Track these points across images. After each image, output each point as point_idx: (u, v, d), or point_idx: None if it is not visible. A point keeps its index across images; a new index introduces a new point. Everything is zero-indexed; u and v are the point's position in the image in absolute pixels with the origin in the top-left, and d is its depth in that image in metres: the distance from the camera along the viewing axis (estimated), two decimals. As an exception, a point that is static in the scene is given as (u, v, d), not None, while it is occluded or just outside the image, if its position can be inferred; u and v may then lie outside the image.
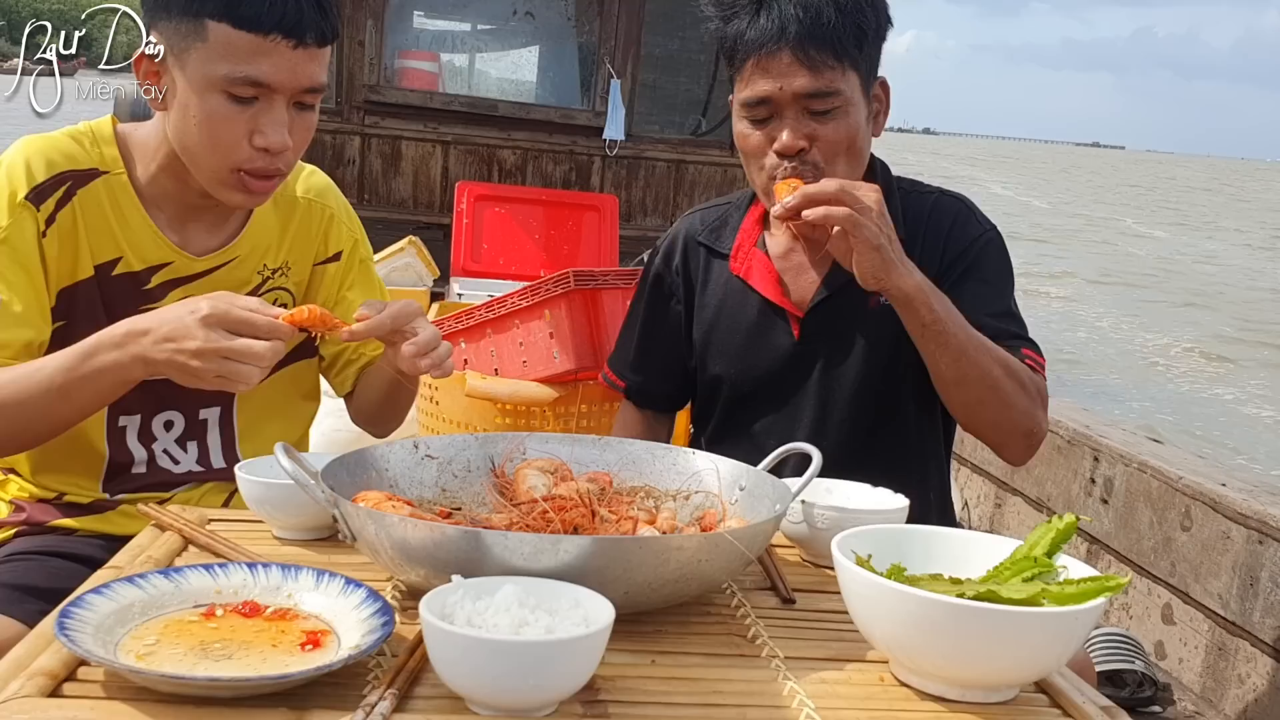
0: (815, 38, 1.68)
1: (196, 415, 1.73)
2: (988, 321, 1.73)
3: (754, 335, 1.90)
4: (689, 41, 5.63)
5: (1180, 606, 3.17)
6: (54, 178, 1.57)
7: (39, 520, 1.67)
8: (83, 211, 1.59)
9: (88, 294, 1.60)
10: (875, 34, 1.75)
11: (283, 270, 1.76)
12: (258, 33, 1.45)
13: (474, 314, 2.81)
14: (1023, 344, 1.76)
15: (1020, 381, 1.69)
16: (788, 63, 1.70)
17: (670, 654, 1.13)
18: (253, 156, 1.52)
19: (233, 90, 1.48)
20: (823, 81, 1.70)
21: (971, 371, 1.64)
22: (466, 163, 5.35)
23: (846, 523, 1.29)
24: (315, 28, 1.49)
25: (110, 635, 1.03)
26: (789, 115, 1.73)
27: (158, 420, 1.70)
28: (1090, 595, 1.06)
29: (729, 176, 5.60)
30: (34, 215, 1.55)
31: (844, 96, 1.72)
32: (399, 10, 5.39)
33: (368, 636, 1.03)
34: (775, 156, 1.75)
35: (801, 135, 1.72)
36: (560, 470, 1.43)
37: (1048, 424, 1.79)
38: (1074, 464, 3.72)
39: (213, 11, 1.45)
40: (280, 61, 1.48)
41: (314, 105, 1.57)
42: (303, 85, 1.51)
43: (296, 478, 1.19)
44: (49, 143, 1.59)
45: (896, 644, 1.08)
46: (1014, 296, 1.85)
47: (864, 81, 1.75)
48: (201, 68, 1.48)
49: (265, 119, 1.50)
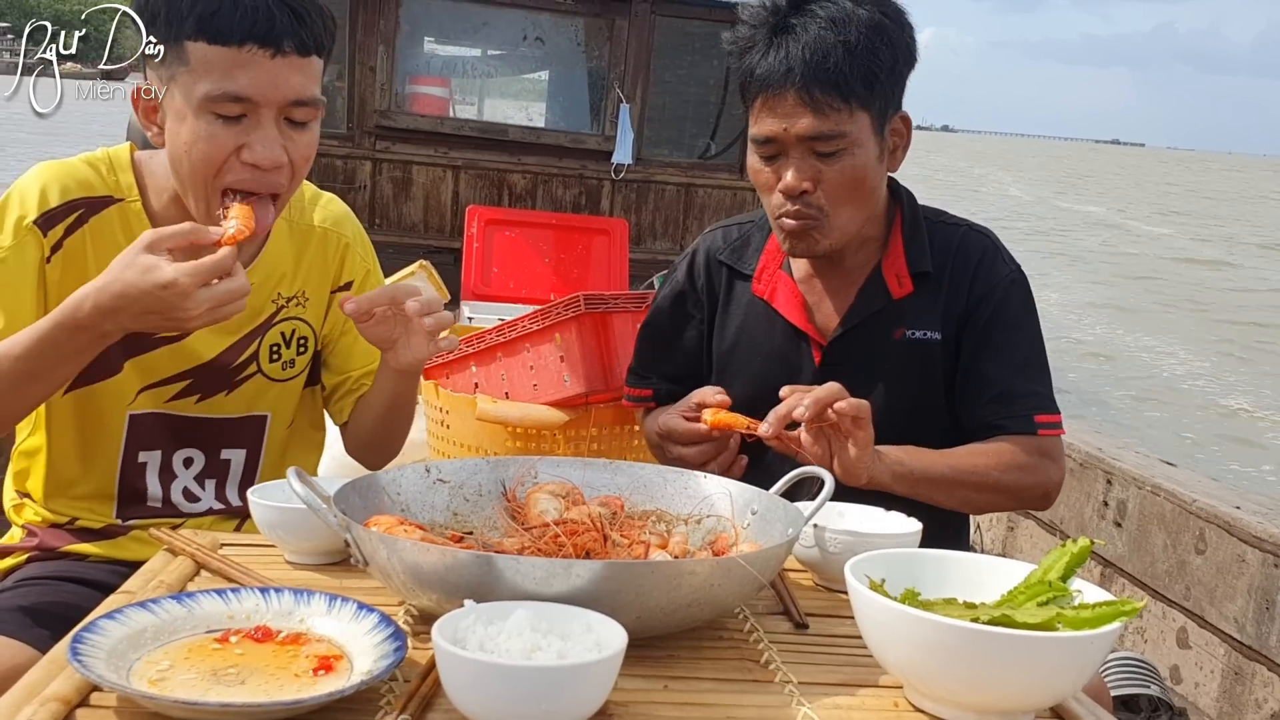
0: (821, 80, 1.67)
1: (219, 455, 1.73)
2: (1008, 382, 1.78)
3: (775, 359, 1.89)
4: (698, 66, 5.65)
5: (1195, 630, 3.15)
6: (66, 204, 1.57)
7: (51, 545, 1.67)
8: (94, 239, 1.59)
9: None
10: (890, 72, 1.73)
11: (298, 300, 1.75)
12: (231, 45, 1.44)
13: (484, 338, 2.81)
14: (1036, 404, 1.79)
15: (1022, 467, 1.74)
16: (793, 104, 1.70)
17: (683, 679, 1.12)
18: (241, 174, 1.49)
19: (217, 109, 1.46)
20: (827, 124, 1.69)
21: (969, 495, 1.73)
22: (477, 187, 5.37)
23: (859, 547, 1.29)
24: (292, 35, 1.46)
25: (123, 660, 1.03)
26: (794, 155, 1.73)
27: (178, 457, 1.70)
28: (1106, 620, 1.05)
29: (738, 200, 5.61)
30: (39, 240, 1.55)
31: (850, 138, 1.71)
32: (410, 36, 5.44)
33: (380, 662, 1.03)
34: (780, 195, 1.75)
35: (805, 177, 1.72)
36: (572, 494, 1.43)
37: (1064, 471, 1.83)
38: (1087, 487, 3.70)
39: (189, 31, 1.44)
40: (259, 73, 1.45)
41: (309, 123, 1.54)
42: (287, 98, 1.48)
43: (309, 502, 1.19)
44: (65, 169, 1.60)
45: (911, 669, 1.07)
46: (1039, 338, 1.85)
47: (875, 120, 1.73)
48: (187, 91, 1.47)
49: (253, 135, 1.47)
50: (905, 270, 1.83)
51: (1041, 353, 1.85)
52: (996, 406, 1.79)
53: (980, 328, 1.81)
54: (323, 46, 1.52)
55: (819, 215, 1.75)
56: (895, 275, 1.83)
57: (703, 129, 5.83)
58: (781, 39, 1.70)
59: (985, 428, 1.80)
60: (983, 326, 1.81)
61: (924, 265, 1.82)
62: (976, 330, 1.81)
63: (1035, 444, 1.77)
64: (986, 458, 1.74)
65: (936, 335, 1.82)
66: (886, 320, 1.83)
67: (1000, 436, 1.78)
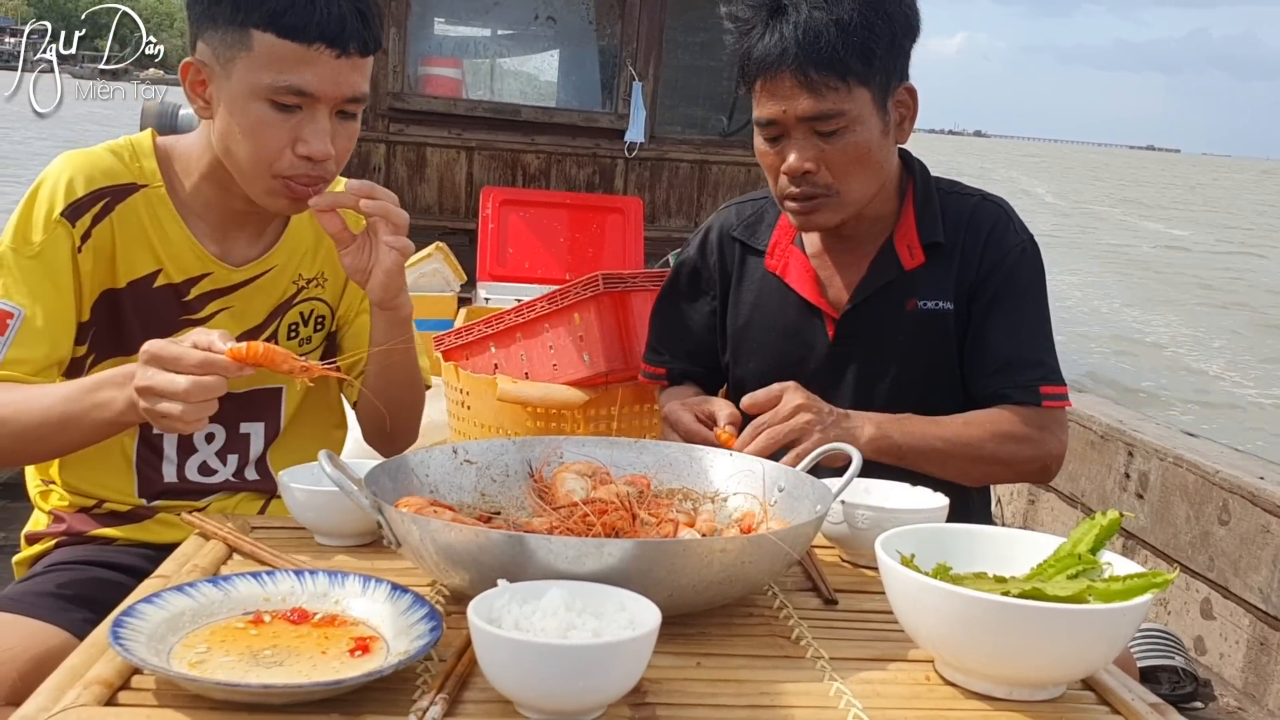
0: (815, 60, 1.67)
1: (238, 429, 1.75)
2: (1014, 351, 1.79)
3: (789, 334, 1.90)
4: (711, 43, 5.61)
5: (1220, 601, 3.14)
6: (91, 194, 1.59)
7: (79, 530, 1.69)
8: (120, 226, 1.60)
9: (117, 303, 1.62)
10: (889, 46, 1.70)
11: (318, 281, 1.78)
12: (302, 42, 1.47)
13: (503, 318, 2.81)
14: (1042, 374, 1.79)
15: (1018, 438, 1.74)
16: (790, 86, 1.69)
17: (715, 656, 1.13)
18: (295, 165, 1.53)
19: (277, 99, 1.50)
20: (825, 104, 1.68)
21: (964, 467, 1.72)
22: (491, 168, 5.36)
23: (887, 523, 1.29)
24: (358, 37, 1.50)
25: (162, 644, 1.05)
26: (796, 136, 1.72)
27: (198, 434, 1.71)
28: (1137, 592, 1.05)
29: (753, 176, 5.59)
30: (69, 232, 1.57)
31: (849, 116, 1.70)
32: (421, 18, 5.41)
33: (416, 642, 1.04)
34: (784, 176, 1.75)
35: (808, 158, 1.72)
36: (599, 474, 1.44)
37: (1065, 443, 1.82)
38: (1108, 459, 3.69)
39: (258, 21, 1.47)
40: (323, 71, 1.49)
41: (356, 114, 1.59)
42: (345, 94, 1.53)
43: (341, 485, 1.20)
44: (89, 159, 1.61)
45: (942, 643, 1.08)
46: (1046, 309, 1.85)
47: (876, 95, 1.72)
48: (246, 77, 1.49)
49: (308, 128, 1.52)
50: (917, 241, 1.83)
51: (1048, 324, 1.84)
52: (1002, 376, 1.79)
53: (989, 297, 1.81)
54: (380, 45, 1.56)
55: (825, 193, 1.75)
56: (907, 246, 1.83)
57: (716, 106, 5.80)
58: (776, 21, 1.70)
59: (991, 397, 1.80)
60: (991, 295, 1.81)
61: (936, 236, 1.82)
62: (985, 299, 1.81)
63: (1036, 415, 1.77)
64: (980, 429, 1.74)
65: (949, 306, 1.82)
66: (899, 292, 1.83)
67: (1002, 406, 1.78)
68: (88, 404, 1.42)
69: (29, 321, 1.53)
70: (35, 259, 1.55)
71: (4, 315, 1.52)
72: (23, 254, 1.55)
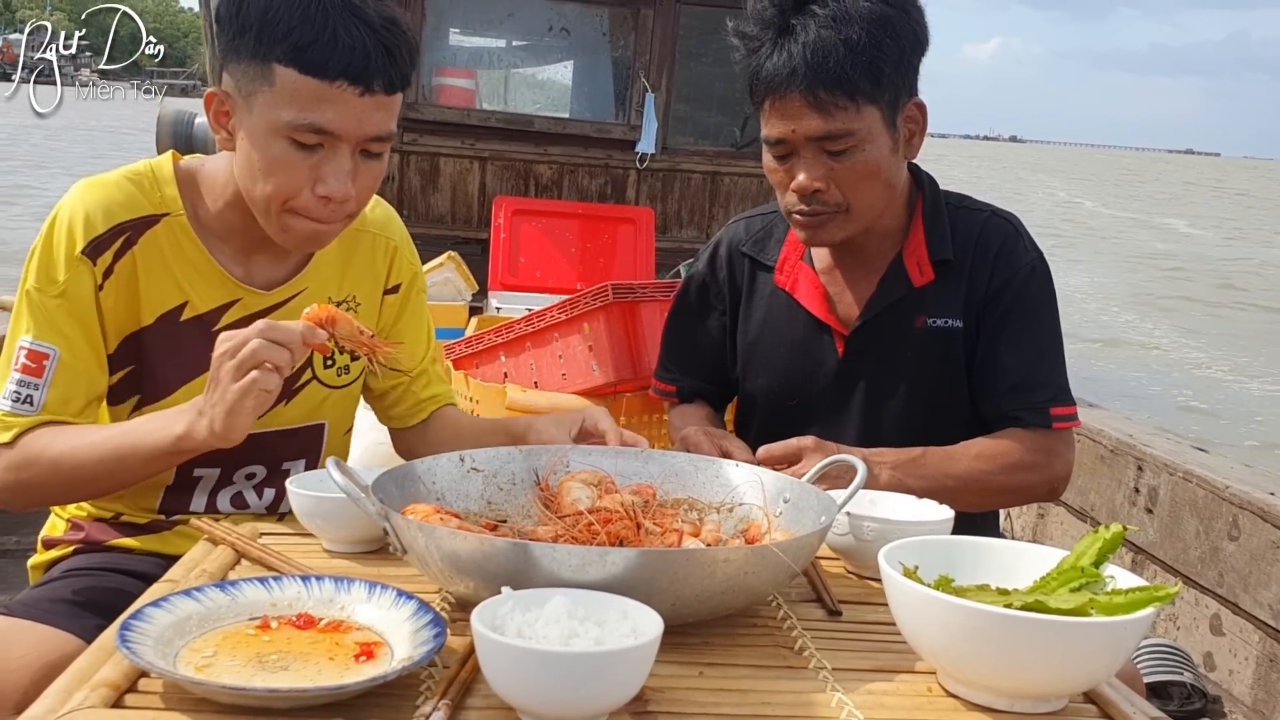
0: (824, 80, 1.66)
1: (279, 466, 1.74)
2: (1025, 371, 1.79)
3: (798, 351, 1.90)
4: (723, 54, 5.61)
5: (1229, 617, 3.13)
6: (112, 230, 1.55)
7: (97, 539, 1.69)
8: (143, 259, 1.58)
9: (150, 342, 1.60)
10: (897, 64, 1.71)
11: (348, 304, 1.74)
12: (324, 79, 1.42)
13: (513, 328, 2.83)
14: (1052, 395, 1.79)
15: (1027, 466, 1.76)
16: (798, 105, 1.69)
17: (718, 665, 1.14)
18: (311, 204, 1.50)
19: (297, 136, 1.45)
20: (834, 124, 1.69)
21: (972, 499, 1.72)
22: (503, 178, 5.39)
23: (892, 534, 1.30)
24: (383, 75, 1.45)
25: (169, 647, 1.06)
26: (805, 155, 1.73)
27: (240, 473, 1.70)
28: (1139, 605, 1.05)
29: (765, 188, 5.58)
30: (90, 270, 1.54)
31: (859, 135, 1.70)
32: (436, 28, 5.45)
33: (420, 648, 1.05)
34: (793, 194, 1.75)
35: (817, 177, 1.72)
36: (604, 483, 1.44)
37: (1072, 462, 1.83)
38: (1118, 473, 3.68)
39: (281, 56, 1.43)
40: (345, 110, 1.45)
41: (381, 154, 1.54)
42: (368, 134, 1.48)
43: (348, 491, 1.21)
44: (106, 191, 1.58)
45: (945, 655, 1.08)
46: (1057, 327, 1.85)
47: (885, 113, 1.72)
48: (267, 112, 1.45)
49: (328, 167, 1.48)
50: (926, 258, 1.83)
51: (1058, 342, 1.84)
52: (1013, 397, 1.79)
53: (999, 315, 1.81)
54: (408, 83, 1.52)
55: (835, 210, 1.75)
56: (916, 263, 1.83)
57: (728, 117, 5.82)
58: (784, 40, 1.70)
59: (1001, 418, 1.80)
60: (1001, 314, 1.81)
61: (945, 253, 1.82)
62: (995, 317, 1.81)
63: (1046, 438, 1.77)
64: (990, 461, 1.74)
65: (958, 323, 1.82)
66: (908, 309, 1.83)
67: (1012, 428, 1.78)
68: (145, 431, 1.43)
69: (65, 362, 1.52)
70: (61, 297, 1.52)
71: (40, 356, 1.51)
72: (48, 293, 1.52)
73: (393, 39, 1.46)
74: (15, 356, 1.51)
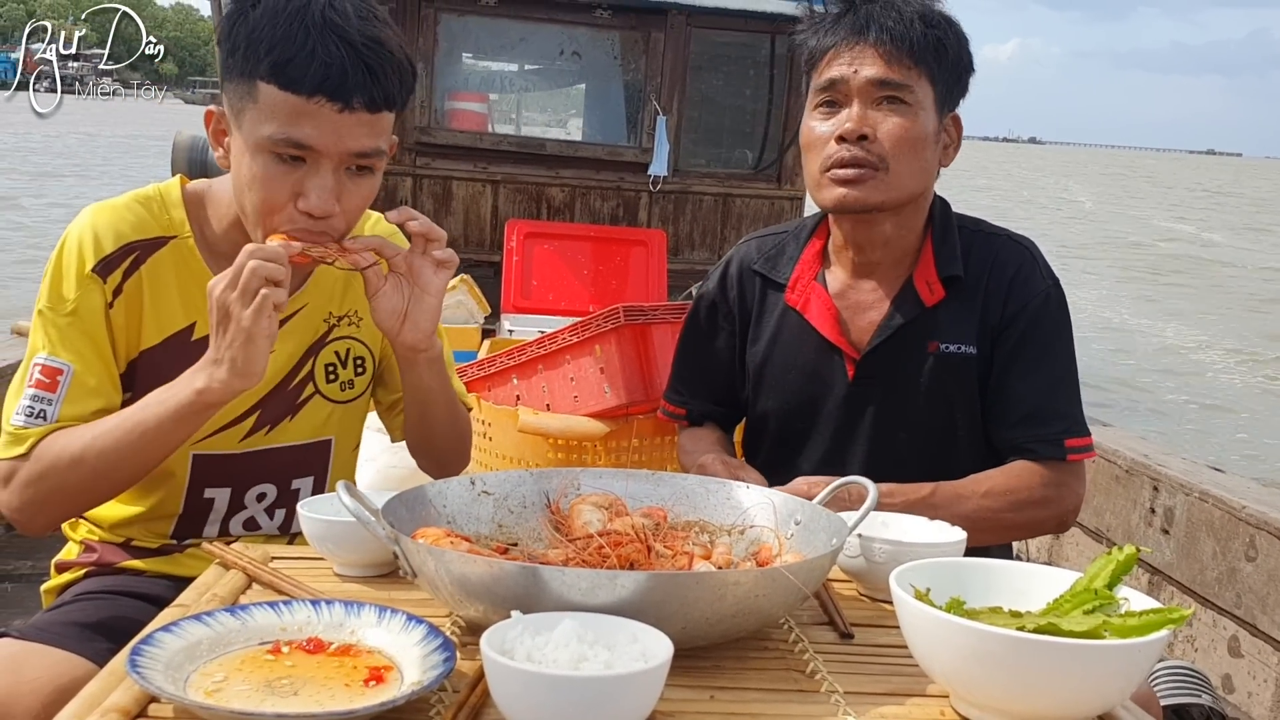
0: (896, 37, 1.73)
1: (289, 485, 1.75)
2: (1039, 401, 1.78)
3: (808, 373, 1.88)
4: (734, 77, 5.66)
5: (1247, 639, 3.10)
6: (121, 249, 1.59)
7: (109, 561, 1.70)
8: (150, 279, 1.60)
9: (154, 363, 1.61)
10: (956, 61, 1.78)
11: (350, 319, 1.77)
12: (301, 94, 1.45)
13: (525, 350, 2.84)
14: (1067, 427, 1.78)
15: (1037, 503, 1.75)
16: (866, 51, 1.74)
17: (729, 689, 1.13)
18: (295, 219, 1.51)
19: (278, 150, 1.48)
20: (895, 73, 1.74)
21: (982, 537, 1.68)
22: (516, 201, 5.42)
23: (903, 556, 1.29)
24: (363, 91, 1.46)
25: (179, 672, 1.06)
26: (857, 102, 1.75)
27: (251, 493, 1.72)
28: (1153, 628, 1.05)
29: (776, 209, 5.61)
30: (101, 287, 1.57)
31: (915, 95, 1.75)
32: (448, 53, 5.49)
33: (430, 672, 1.05)
34: (835, 144, 1.75)
35: (866, 122, 1.74)
36: (615, 505, 1.44)
37: (1082, 494, 1.81)
38: (1133, 494, 3.66)
39: (263, 73, 1.46)
40: (323, 125, 1.46)
41: (372, 170, 1.55)
42: (350, 149, 1.49)
43: (358, 515, 1.21)
44: (115, 213, 1.61)
45: (957, 678, 1.07)
46: (1072, 356, 1.84)
47: (938, 98, 1.78)
48: (252, 128, 1.48)
49: (310, 182, 1.49)
50: (935, 276, 1.82)
51: (1073, 371, 1.82)
52: (1025, 428, 1.78)
53: (1013, 343, 1.79)
54: (394, 102, 1.52)
55: (876, 164, 1.75)
56: (926, 282, 1.82)
57: (740, 139, 5.84)
58: (864, 4, 1.78)
59: (1014, 449, 1.78)
60: (1015, 341, 1.79)
61: (954, 269, 1.81)
62: (1009, 345, 1.79)
63: (1057, 472, 1.76)
64: (1000, 499, 1.73)
65: (971, 349, 1.80)
66: (920, 332, 1.81)
67: (1024, 460, 1.76)
68: (162, 399, 1.45)
69: (79, 377, 1.54)
70: (72, 315, 1.55)
71: (54, 372, 1.53)
72: (59, 312, 1.55)
73: (375, 57, 1.47)
74: (30, 373, 1.54)
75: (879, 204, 1.77)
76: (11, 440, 1.51)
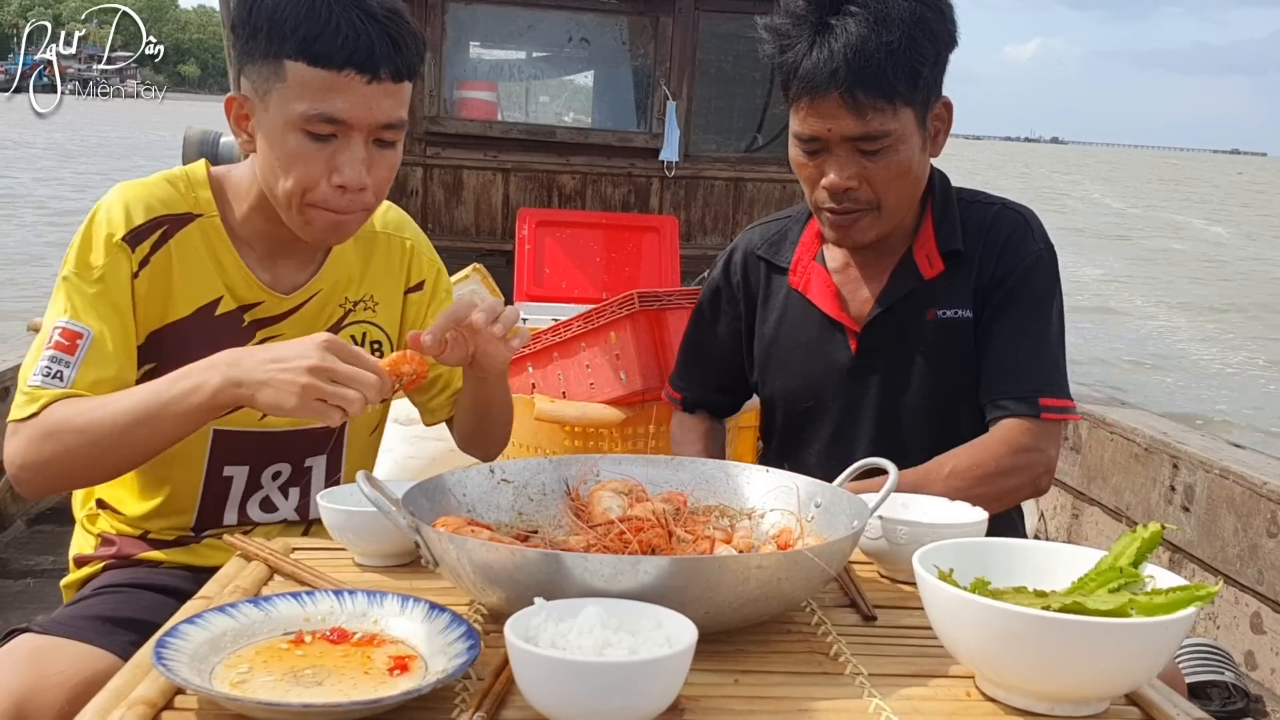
0: (864, 82, 1.66)
1: (303, 463, 1.76)
2: (1017, 357, 1.76)
3: (812, 350, 1.90)
4: (743, 60, 5.63)
5: (1270, 615, 3.09)
6: (150, 221, 1.61)
7: (127, 554, 1.71)
8: (178, 253, 1.62)
9: (180, 335, 1.62)
10: (933, 65, 1.72)
11: (366, 304, 1.78)
12: (331, 69, 1.48)
13: (540, 339, 2.83)
14: (1042, 384, 1.76)
15: (1006, 471, 1.72)
16: (836, 106, 1.69)
17: (753, 673, 1.13)
18: (329, 195, 1.54)
19: (310, 128, 1.51)
20: (871, 126, 1.69)
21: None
22: (527, 189, 5.40)
23: (925, 537, 1.28)
24: (389, 62, 1.50)
25: (204, 664, 1.06)
26: (838, 154, 1.73)
27: (267, 472, 1.73)
28: (1180, 605, 1.04)
29: (788, 193, 5.59)
30: (128, 256, 1.59)
31: (894, 136, 1.70)
32: (456, 42, 5.47)
33: (454, 660, 1.05)
34: (824, 191, 1.75)
35: (849, 175, 1.72)
36: (635, 491, 1.44)
37: (1055, 456, 1.78)
38: (1153, 472, 3.64)
39: (290, 51, 1.49)
40: (355, 97, 1.50)
41: (395, 143, 1.59)
42: (379, 121, 1.53)
43: (379, 505, 1.21)
44: (146, 188, 1.64)
45: (982, 658, 1.07)
46: (1058, 318, 1.82)
47: (919, 113, 1.73)
48: (281, 107, 1.51)
49: (343, 156, 1.53)
50: (935, 250, 1.82)
51: (1058, 333, 1.81)
52: (1002, 382, 1.77)
53: (999, 301, 1.79)
54: (414, 72, 1.57)
55: (866, 208, 1.75)
56: (926, 256, 1.83)
57: (749, 123, 5.81)
58: (823, 38, 1.68)
59: (990, 406, 1.78)
60: (1001, 300, 1.79)
61: (954, 244, 1.81)
62: (995, 303, 1.79)
63: (1029, 433, 1.73)
64: (964, 478, 1.69)
65: (968, 314, 1.81)
66: (918, 302, 1.82)
67: (996, 421, 1.75)
68: (176, 391, 1.43)
69: (98, 342, 1.54)
70: (98, 282, 1.57)
71: (74, 335, 1.54)
72: (85, 279, 1.57)
73: (396, 28, 1.52)
74: (49, 336, 1.54)
75: (875, 238, 1.80)
76: (27, 400, 1.51)
